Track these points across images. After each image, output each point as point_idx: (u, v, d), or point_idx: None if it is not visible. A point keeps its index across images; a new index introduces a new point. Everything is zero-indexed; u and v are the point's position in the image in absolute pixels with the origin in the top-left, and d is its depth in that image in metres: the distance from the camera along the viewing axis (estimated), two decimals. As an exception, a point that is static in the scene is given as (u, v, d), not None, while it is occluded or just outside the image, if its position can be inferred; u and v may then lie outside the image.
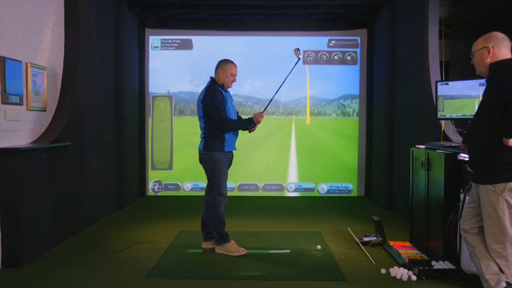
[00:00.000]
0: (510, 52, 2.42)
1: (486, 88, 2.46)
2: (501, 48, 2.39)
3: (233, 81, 3.63)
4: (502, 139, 2.29)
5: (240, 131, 3.65)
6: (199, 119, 3.62)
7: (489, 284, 2.41)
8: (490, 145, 2.35)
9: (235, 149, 3.65)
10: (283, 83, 3.68)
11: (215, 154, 3.50)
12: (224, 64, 3.61)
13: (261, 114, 3.60)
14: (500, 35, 2.42)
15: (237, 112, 3.76)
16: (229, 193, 3.79)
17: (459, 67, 4.99)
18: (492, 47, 2.39)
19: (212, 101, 3.46)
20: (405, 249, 3.56)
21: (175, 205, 5.79)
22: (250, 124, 3.59)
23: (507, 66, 2.34)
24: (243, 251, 3.58)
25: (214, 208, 3.56)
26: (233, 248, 3.58)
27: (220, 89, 3.57)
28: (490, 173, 2.35)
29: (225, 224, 3.62)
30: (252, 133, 3.72)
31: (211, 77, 3.64)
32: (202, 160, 3.60)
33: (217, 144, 3.51)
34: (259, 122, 3.61)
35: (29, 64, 3.69)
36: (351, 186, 6.49)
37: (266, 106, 3.73)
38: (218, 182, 3.54)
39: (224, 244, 3.59)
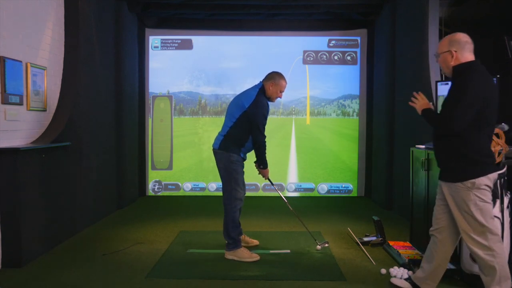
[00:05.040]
0: (473, 54, 2.47)
1: (449, 88, 2.51)
2: (463, 52, 2.45)
3: (279, 97, 3.64)
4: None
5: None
6: (230, 116, 3.54)
7: (418, 273, 2.74)
8: (454, 143, 2.43)
9: (246, 158, 3.63)
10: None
11: (232, 155, 3.47)
12: (278, 79, 3.56)
13: (267, 174, 3.72)
14: (463, 38, 2.46)
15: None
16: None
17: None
18: (455, 51, 2.45)
19: (259, 114, 3.45)
20: (405, 249, 3.56)
21: (175, 205, 5.79)
22: (264, 165, 3.63)
23: (467, 69, 2.41)
24: (256, 257, 3.49)
25: (230, 212, 3.50)
26: (245, 254, 3.49)
27: (267, 101, 3.57)
28: (457, 171, 2.44)
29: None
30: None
31: (262, 83, 3.58)
32: (217, 159, 3.56)
33: (234, 147, 3.48)
34: (263, 173, 3.71)
35: (29, 64, 3.69)
36: (351, 186, 6.49)
37: (271, 183, 3.95)
38: (234, 185, 3.48)
39: (236, 249, 3.50)
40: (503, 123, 2.86)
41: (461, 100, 2.32)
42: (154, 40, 6.49)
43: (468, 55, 2.46)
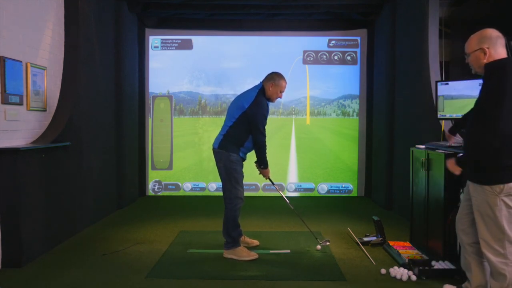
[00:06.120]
0: (505, 49, 2.35)
1: (482, 87, 2.40)
2: (496, 48, 2.32)
3: (280, 97, 3.63)
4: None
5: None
6: (230, 117, 3.54)
7: (465, 285, 2.62)
8: (488, 145, 2.29)
9: (245, 159, 3.63)
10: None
11: (232, 155, 3.46)
12: (278, 79, 3.55)
13: (268, 174, 3.71)
14: (493, 33, 2.34)
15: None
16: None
17: (459, 67, 4.99)
18: (488, 48, 2.32)
19: (259, 114, 3.45)
20: (405, 249, 3.56)
21: (175, 205, 5.79)
22: (264, 165, 3.62)
23: (502, 66, 2.28)
24: (254, 256, 3.50)
25: (230, 210, 3.50)
26: (244, 253, 3.50)
27: (267, 101, 3.56)
28: (488, 174, 2.32)
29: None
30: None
31: (261, 84, 3.58)
32: (217, 158, 3.55)
33: (234, 147, 3.48)
34: (264, 173, 3.70)
35: (29, 64, 3.69)
36: (351, 186, 6.49)
37: (272, 183, 3.90)
38: (235, 184, 3.48)
39: (235, 248, 3.51)
40: None
41: (504, 103, 2.17)
42: (154, 40, 6.49)
43: (501, 51, 2.33)
